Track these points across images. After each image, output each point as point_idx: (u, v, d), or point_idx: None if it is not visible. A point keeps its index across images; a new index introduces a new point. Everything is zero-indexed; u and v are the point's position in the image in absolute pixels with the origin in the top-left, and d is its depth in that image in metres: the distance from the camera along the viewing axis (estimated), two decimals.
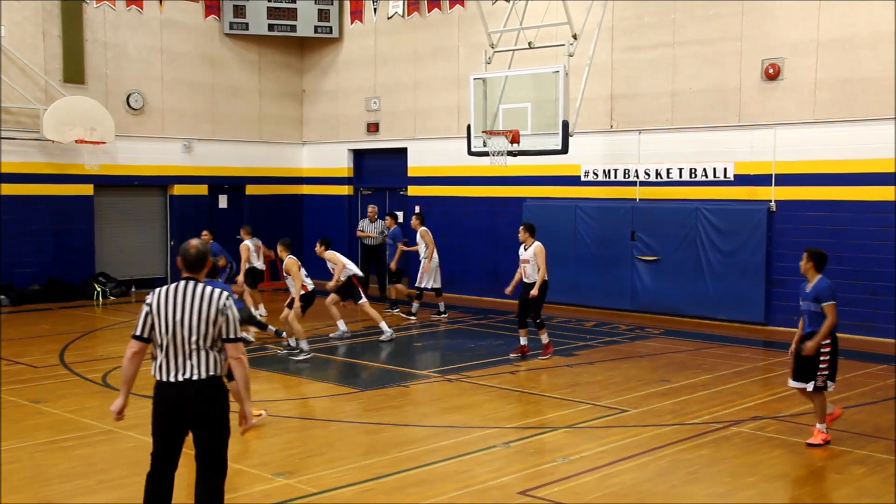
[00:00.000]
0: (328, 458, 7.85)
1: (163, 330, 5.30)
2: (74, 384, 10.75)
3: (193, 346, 5.29)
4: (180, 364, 5.30)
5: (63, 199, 17.92)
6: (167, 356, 5.31)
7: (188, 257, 5.49)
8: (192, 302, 5.32)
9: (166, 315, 5.30)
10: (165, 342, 5.30)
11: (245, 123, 20.91)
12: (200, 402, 5.31)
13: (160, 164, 19.50)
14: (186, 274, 5.49)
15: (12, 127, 17.38)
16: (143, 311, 5.37)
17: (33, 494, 6.90)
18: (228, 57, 20.54)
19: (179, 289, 5.37)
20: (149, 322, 5.34)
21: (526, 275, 12.23)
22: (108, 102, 18.32)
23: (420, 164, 19.60)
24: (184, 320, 5.29)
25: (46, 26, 17.79)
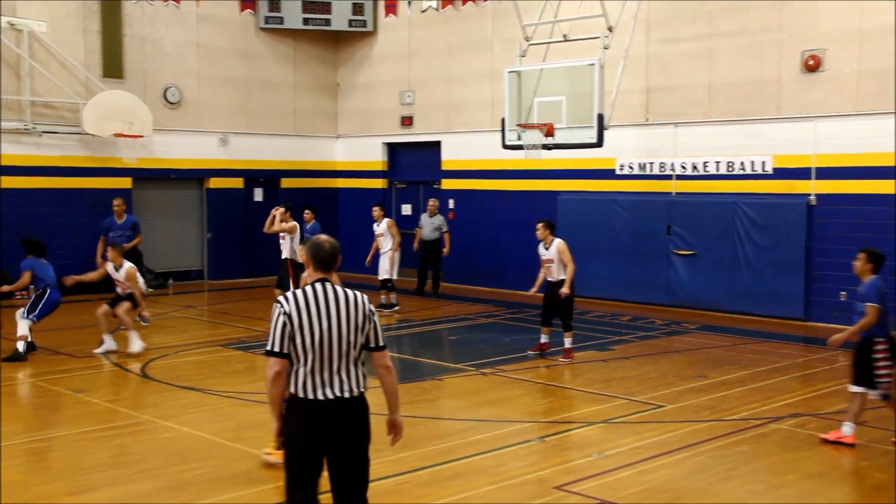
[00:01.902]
0: None
1: (307, 342, 4.59)
2: (114, 375, 10.89)
3: (343, 359, 4.66)
4: (326, 379, 4.63)
5: (102, 192, 18.13)
6: (312, 370, 4.60)
7: (322, 254, 4.76)
8: (339, 308, 4.66)
9: (311, 325, 4.59)
10: (311, 356, 4.60)
11: (280, 117, 21.02)
12: (351, 423, 4.68)
13: (196, 157, 19.67)
14: (320, 274, 4.77)
15: (54, 121, 17.63)
16: (280, 321, 4.59)
17: (74, 482, 7.00)
18: (264, 51, 20.65)
19: (319, 293, 4.67)
20: (287, 334, 4.58)
21: (551, 274, 11.81)
22: (146, 97, 18.51)
23: (454, 157, 19.58)
24: (331, 329, 4.62)
25: (86, 22, 18.00)
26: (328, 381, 4.61)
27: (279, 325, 4.59)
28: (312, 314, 4.60)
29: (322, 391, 4.60)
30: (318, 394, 4.59)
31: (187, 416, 9.04)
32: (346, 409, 4.64)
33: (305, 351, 4.59)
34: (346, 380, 4.66)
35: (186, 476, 7.12)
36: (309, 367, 4.59)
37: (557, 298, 11.73)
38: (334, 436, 4.62)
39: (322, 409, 4.58)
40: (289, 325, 4.57)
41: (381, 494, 6.74)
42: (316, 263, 4.77)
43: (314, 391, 4.59)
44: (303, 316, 4.59)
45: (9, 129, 17.03)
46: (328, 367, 4.62)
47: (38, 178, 17.47)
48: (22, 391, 10.09)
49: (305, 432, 4.60)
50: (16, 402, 9.70)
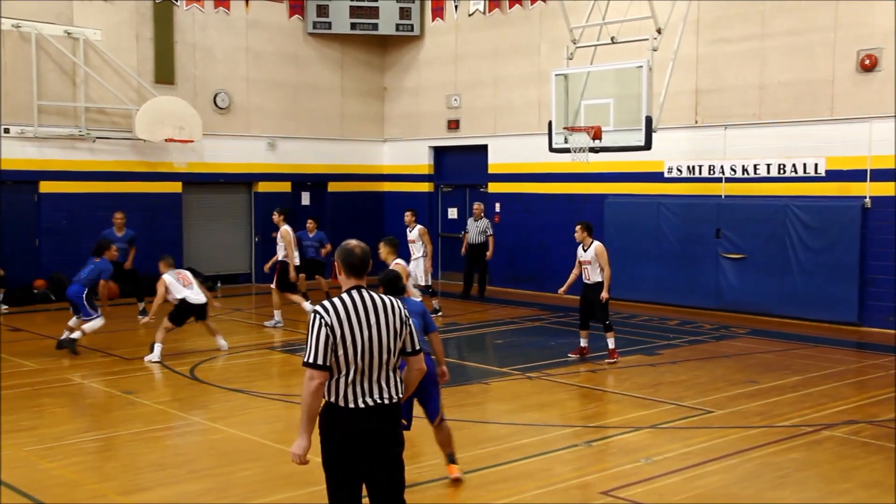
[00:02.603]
0: (410, 453, 7.79)
1: (350, 353, 4.50)
2: (165, 376, 11.05)
3: (383, 367, 4.59)
4: (366, 387, 4.56)
5: (153, 196, 18.44)
6: (353, 380, 4.53)
7: (354, 260, 4.68)
8: (378, 315, 4.59)
9: (353, 334, 4.51)
10: (353, 366, 4.53)
11: (327, 121, 21.17)
12: (391, 429, 4.63)
13: (245, 161, 19.90)
14: (353, 280, 4.68)
15: (107, 127, 17.96)
16: (322, 333, 4.47)
17: (126, 482, 7.11)
18: (312, 56, 20.83)
19: (358, 302, 4.58)
20: (330, 346, 4.48)
21: (587, 276, 11.84)
22: (196, 102, 18.78)
23: (500, 160, 19.55)
24: (372, 339, 4.54)
25: (140, 29, 18.33)
26: (368, 390, 4.55)
27: (322, 337, 4.47)
28: (354, 325, 4.52)
29: (363, 399, 4.53)
30: (360, 402, 4.53)
31: (236, 417, 9.14)
32: (386, 416, 4.59)
33: (348, 362, 4.51)
34: (386, 387, 4.60)
35: (235, 477, 7.19)
36: (350, 377, 4.52)
37: (594, 300, 11.74)
38: (374, 442, 4.57)
39: (363, 417, 4.53)
40: (331, 337, 4.48)
41: (428, 498, 6.75)
42: (348, 269, 4.68)
43: (355, 400, 4.52)
44: (345, 327, 4.50)
45: (63, 135, 17.40)
46: (369, 375, 4.55)
47: (91, 182, 17.81)
48: (75, 392, 10.27)
49: (347, 439, 4.55)
50: (69, 403, 9.89)
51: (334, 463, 4.60)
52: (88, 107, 17.70)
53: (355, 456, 4.57)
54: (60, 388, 10.35)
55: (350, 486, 4.61)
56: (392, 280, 6.98)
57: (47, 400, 9.85)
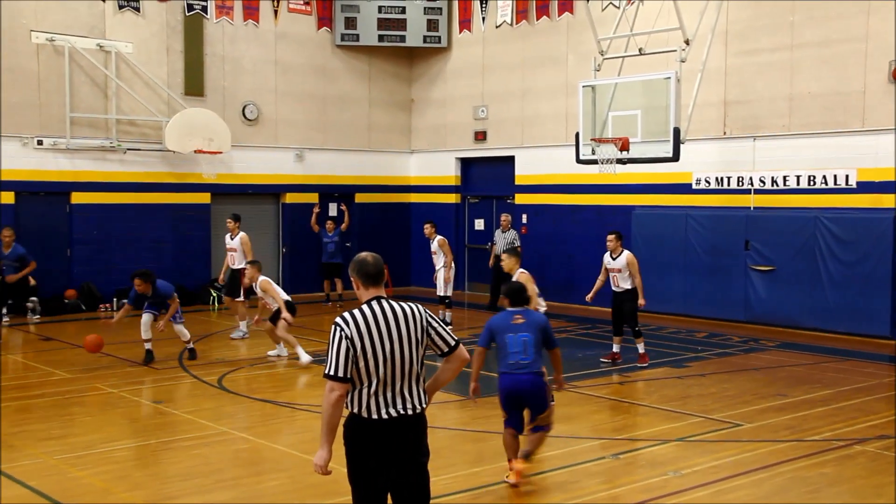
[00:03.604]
0: (436, 465, 7.76)
1: (372, 365, 4.49)
2: (192, 386, 11.12)
3: (406, 377, 4.58)
4: (389, 398, 4.54)
5: (182, 207, 18.61)
6: (375, 390, 4.52)
7: (369, 270, 4.67)
8: (399, 326, 4.57)
9: (373, 346, 4.50)
10: (376, 378, 4.52)
11: (355, 132, 21.27)
12: (416, 439, 4.62)
13: (273, 172, 20.04)
14: (372, 291, 4.67)
15: (137, 138, 18.18)
16: (343, 346, 4.47)
17: (154, 491, 7.16)
18: (339, 67, 20.95)
19: (378, 313, 4.57)
20: (350, 358, 4.48)
21: (617, 284, 12.21)
22: (225, 113, 18.95)
23: (527, 172, 19.54)
24: (394, 350, 4.53)
25: (170, 42, 18.55)
26: (392, 401, 4.54)
27: (342, 349, 4.46)
28: (374, 336, 4.50)
29: (386, 410, 4.52)
30: (383, 413, 4.51)
31: (263, 427, 9.18)
32: (410, 426, 4.58)
33: (369, 373, 4.50)
34: (409, 397, 4.58)
35: (262, 487, 7.22)
36: (373, 389, 4.51)
37: (624, 306, 12.13)
38: (399, 452, 4.56)
39: (387, 428, 4.52)
40: (352, 349, 4.47)
41: None
42: (364, 279, 4.67)
43: (378, 411, 4.51)
44: (365, 339, 4.49)
45: (95, 147, 17.63)
46: (391, 386, 4.54)
47: (121, 193, 18.02)
48: (105, 401, 10.37)
49: (372, 451, 4.54)
50: (99, 412, 9.97)
51: (359, 474, 4.60)
52: (119, 119, 17.93)
53: (380, 467, 4.55)
54: (90, 398, 10.46)
55: (375, 496, 4.61)
56: (517, 291, 7.41)
57: (77, 409, 9.95)
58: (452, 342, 4.73)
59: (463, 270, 20.76)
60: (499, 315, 7.47)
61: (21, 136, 16.88)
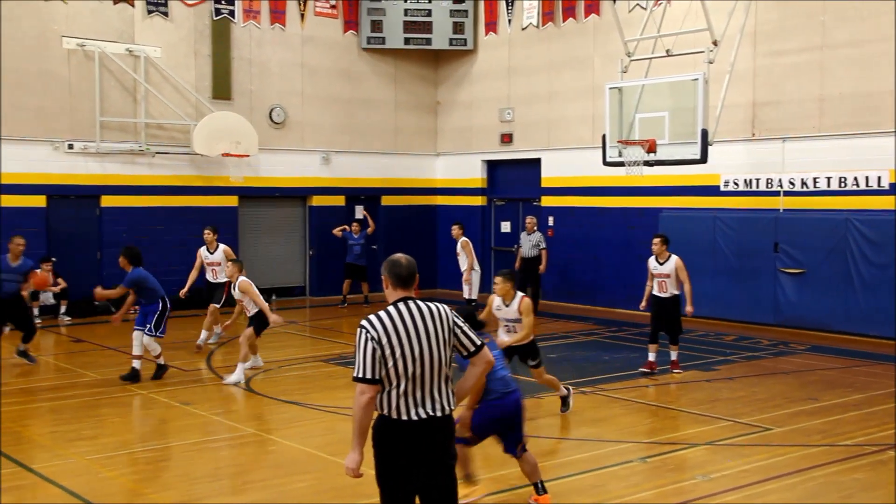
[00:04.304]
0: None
1: (401, 365, 4.49)
2: (221, 388, 11.17)
3: (435, 378, 4.57)
4: (418, 398, 4.54)
5: (210, 210, 18.72)
6: (405, 392, 4.52)
7: (402, 271, 4.66)
8: (426, 326, 4.56)
9: (402, 348, 4.49)
10: (405, 378, 4.51)
11: (381, 135, 21.32)
12: (444, 441, 4.62)
13: (300, 175, 20.13)
14: (401, 292, 4.66)
15: (165, 142, 18.33)
16: (369, 347, 4.47)
17: (183, 492, 7.20)
18: (366, 70, 21.02)
19: (405, 313, 4.56)
20: (378, 359, 4.47)
21: (664, 289, 11.77)
22: (253, 117, 19.06)
23: (554, 174, 19.48)
24: (423, 350, 4.52)
25: (198, 46, 18.69)
26: (421, 401, 4.53)
27: (369, 352, 4.46)
28: (402, 337, 4.49)
29: (416, 411, 4.51)
30: (412, 414, 4.51)
31: (290, 429, 9.21)
32: (438, 428, 4.57)
33: (398, 374, 4.49)
34: (438, 398, 4.58)
35: (289, 489, 7.24)
36: (402, 389, 4.50)
37: (669, 314, 11.73)
38: (428, 454, 4.56)
39: (416, 429, 4.52)
40: (378, 350, 4.46)
41: None
42: (396, 281, 4.65)
43: (408, 412, 4.51)
44: (393, 340, 4.47)
45: (124, 151, 17.80)
46: (420, 387, 4.53)
47: (150, 196, 18.18)
48: (134, 402, 10.45)
49: (401, 452, 4.54)
50: (129, 413, 10.06)
51: (388, 476, 4.59)
52: (148, 122, 18.08)
53: (408, 468, 4.54)
54: (120, 399, 10.54)
55: (404, 498, 4.60)
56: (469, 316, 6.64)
57: (107, 410, 10.04)
58: (478, 342, 4.72)
59: (490, 273, 20.71)
60: None
61: (52, 140, 17.07)
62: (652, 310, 11.96)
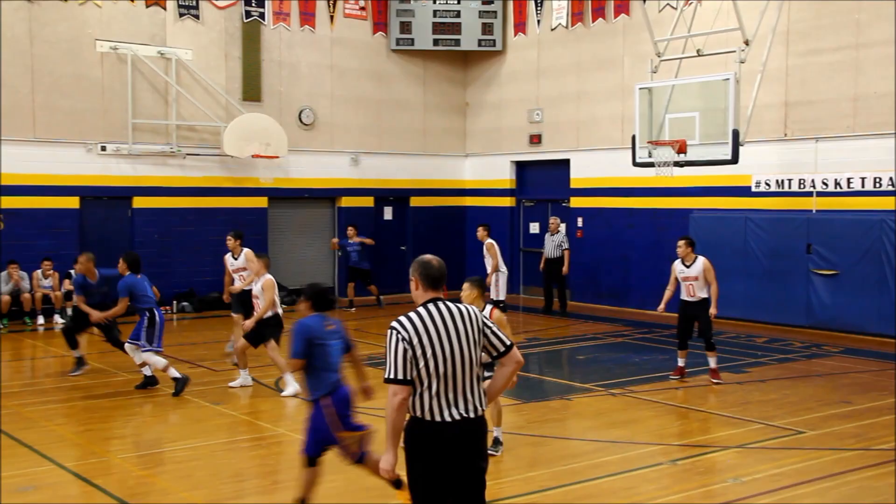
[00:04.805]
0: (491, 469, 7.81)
1: (433, 365, 4.45)
2: (250, 388, 11.22)
3: (467, 378, 4.54)
4: (451, 399, 4.50)
5: (240, 211, 18.86)
6: (438, 392, 4.48)
7: (433, 272, 4.64)
8: (457, 326, 4.54)
9: (433, 348, 4.46)
10: (437, 379, 4.47)
11: (409, 136, 21.36)
12: (477, 443, 4.59)
13: (329, 176, 20.21)
14: (431, 293, 4.63)
15: (196, 144, 18.49)
16: (400, 348, 4.44)
17: (212, 491, 7.25)
18: (394, 72, 21.06)
19: (435, 314, 4.54)
20: (409, 360, 4.44)
21: (692, 293, 11.42)
22: (282, 118, 19.17)
23: (583, 175, 19.41)
24: (454, 351, 4.49)
25: (228, 49, 18.83)
26: (454, 402, 4.49)
27: (400, 352, 4.43)
28: (433, 337, 4.46)
29: (449, 412, 4.47)
30: (445, 415, 4.47)
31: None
32: (472, 430, 4.54)
33: (430, 375, 4.45)
34: (471, 398, 4.54)
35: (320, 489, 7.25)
36: (434, 390, 4.47)
37: (699, 317, 11.40)
38: (461, 456, 4.53)
39: (450, 430, 4.48)
40: (410, 350, 4.43)
41: None
42: (427, 282, 4.63)
43: (441, 413, 4.47)
44: (424, 340, 4.45)
45: (156, 152, 17.97)
46: (453, 387, 4.49)
47: (181, 197, 18.33)
48: (166, 402, 10.54)
49: (435, 454, 4.50)
50: (161, 412, 10.15)
51: (421, 478, 4.56)
52: (179, 124, 18.25)
53: (441, 470, 4.51)
54: (152, 398, 10.64)
55: (436, 500, 4.57)
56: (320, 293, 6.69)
57: (140, 409, 10.14)
58: (508, 342, 4.69)
59: (517, 274, 20.71)
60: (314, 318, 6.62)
61: (85, 142, 17.27)
62: (680, 315, 11.63)
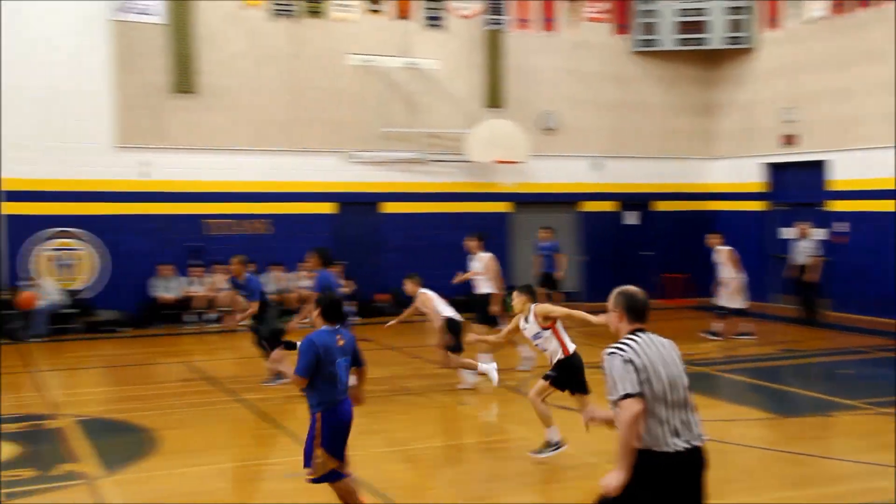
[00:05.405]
0: (747, 485, 7.42)
1: (658, 389, 4.37)
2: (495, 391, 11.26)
3: (685, 404, 4.47)
4: (676, 426, 4.40)
5: (483, 216, 19.21)
6: (661, 420, 4.38)
7: (638, 304, 4.59)
8: (667, 353, 4.48)
9: (657, 371, 4.38)
10: (661, 404, 4.38)
11: (652, 139, 20.85)
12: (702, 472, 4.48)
13: (570, 181, 20.15)
14: (637, 325, 4.56)
15: (441, 150, 19.07)
16: (628, 368, 4.36)
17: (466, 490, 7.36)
18: (636, 74, 20.65)
19: (647, 341, 4.49)
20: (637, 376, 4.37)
21: None
22: (524, 124, 19.33)
23: (843, 177, 18.03)
24: (672, 374, 4.43)
25: (471, 57, 19.28)
26: (681, 430, 4.39)
27: (628, 370, 4.33)
28: (656, 360, 4.40)
29: (677, 440, 4.36)
30: (675, 444, 4.35)
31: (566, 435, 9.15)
32: (698, 458, 4.43)
33: (656, 399, 4.35)
34: (696, 426, 4.46)
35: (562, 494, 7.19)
36: (659, 418, 4.36)
37: None
38: (688, 486, 4.42)
39: (681, 461, 4.36)
40: (634, 369, 4.34)
41: None
42: (632, 315, 4.55)
43: (670, 441, 4.35)
44: (647, 362, 4.37)
45: (403, 159, 18.73)
46: (676, 414, 4.39)
47: (427, 203, 18.98)
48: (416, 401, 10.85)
49: (663, 485, 4.36)
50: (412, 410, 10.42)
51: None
52: (425, 132, 18.89)
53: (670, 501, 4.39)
54: (404, 398, 10.98)
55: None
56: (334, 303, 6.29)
57: (392, 406, 10.49)
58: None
59: (768, 282, 19.58)
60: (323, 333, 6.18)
61: (340, 150, 18.32)
62: None
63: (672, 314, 16.89)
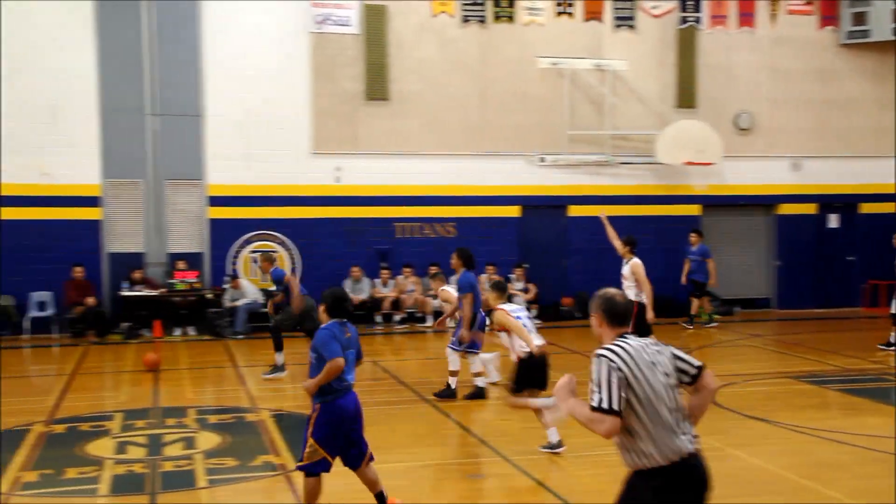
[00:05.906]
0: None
1: (643, 398, 4.19)
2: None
3: (675, 411, 4.25)
4: (670, 433, 4.23)
5: (671, 219, 18.69)
6: (650, 431, 4.20)
7: (618, 309, 4.40)
8: (653, 357, 4.28)
9: (646, 379, 4.19)
10: (649, 414, 4.19)
11: (860, 137, 19.55)
12: (708, 480, 4.34)
13: (766, 183, 19.25)
14: (619, 330, 4.38)
15: (629, 152, 18.71)
16: (614, 377, 4.15)
17: None
18: (843, 68, 19.46)
19: (634, 346, 4.28)
20: (622, 389, 4.16)
21: None
22: (717, 124, 18.65)
23: None
24: (659, 381, 4.23)
25: (662, 56, 18.82)
26: (675, 438, 4.22)
27: (614, 381, 4.16)
28: (644, 369, 4.21)
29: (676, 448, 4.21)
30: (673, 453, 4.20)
31: (756, 446, 8.76)
32: (703, 464, 4.31)
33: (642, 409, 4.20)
34: (689, 431, 4.29)
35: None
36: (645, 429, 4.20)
37: None
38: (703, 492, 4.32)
39: (682, 467, 4.22)
40: (618, 381, 4.16)
41: None
42: (611, 319, 4.39)
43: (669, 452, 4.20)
44: (634, 370, 4.19)
45: (590, 162, 18.53)
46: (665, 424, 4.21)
47: (613, 206, 18.57)
48: None
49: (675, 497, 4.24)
50: None
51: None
52: (613, 134, 18.60)
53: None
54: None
55: None
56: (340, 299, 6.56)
57: None
58: (698, 362, 4.42)
59: None
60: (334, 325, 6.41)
61: (525, 154, 18.35)
62: None
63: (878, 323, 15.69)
